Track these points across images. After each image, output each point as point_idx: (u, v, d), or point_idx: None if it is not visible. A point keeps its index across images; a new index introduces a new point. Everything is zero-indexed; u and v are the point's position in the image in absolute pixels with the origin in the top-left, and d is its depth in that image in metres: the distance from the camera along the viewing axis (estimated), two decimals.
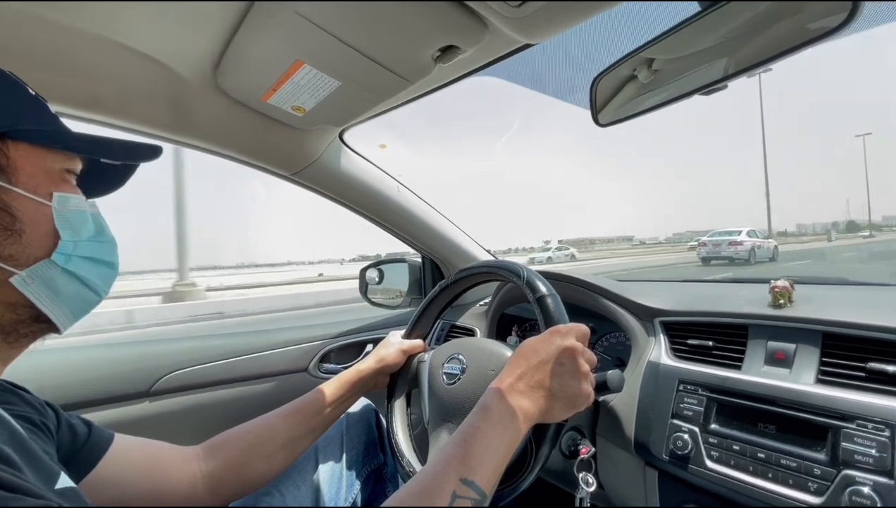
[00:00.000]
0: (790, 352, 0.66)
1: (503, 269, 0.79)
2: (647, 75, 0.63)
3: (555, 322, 0.66)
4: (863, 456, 0.53)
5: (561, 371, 0.58)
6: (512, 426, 0.55)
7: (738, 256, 15.20)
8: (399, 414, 0.88)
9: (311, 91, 0.74)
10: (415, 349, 0.91)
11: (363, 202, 1.18)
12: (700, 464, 0.65)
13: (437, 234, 1.31)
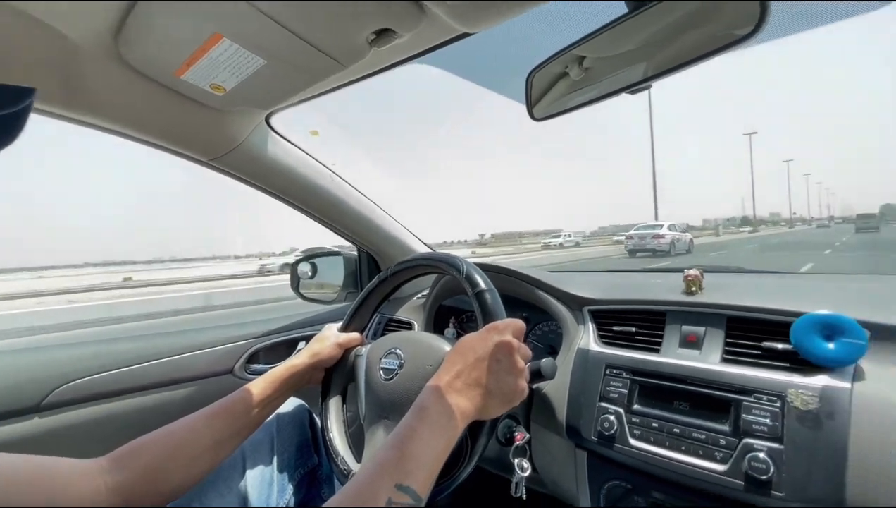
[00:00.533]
0: (700, 335, 0.73)
1: (442, 262, 0.78)
2: (579, 73, 0.65)
3: (492, 317, 0.67)
4: (759, 426, 0.60)
5: (497, 368, 0.59)
6: (449, 425, 0.55)
7: (660, 248, 16.43)
8: (334, 411, 0.85)
9: (231, 69, 0.68)
10: (351, 343, 0.88)
11: (293, 192, 1.11)
12: (624, 443, 0.69)
13: (374, 226, 1.28)
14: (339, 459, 0.78)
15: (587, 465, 0.76)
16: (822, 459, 0.55)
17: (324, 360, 0.84)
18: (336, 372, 0.87)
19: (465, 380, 0.58)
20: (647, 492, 0.68)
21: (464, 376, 0.58)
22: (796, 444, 0.57)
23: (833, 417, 0.56)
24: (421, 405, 0.56)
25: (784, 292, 0.77)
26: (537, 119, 0.63)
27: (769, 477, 0.56)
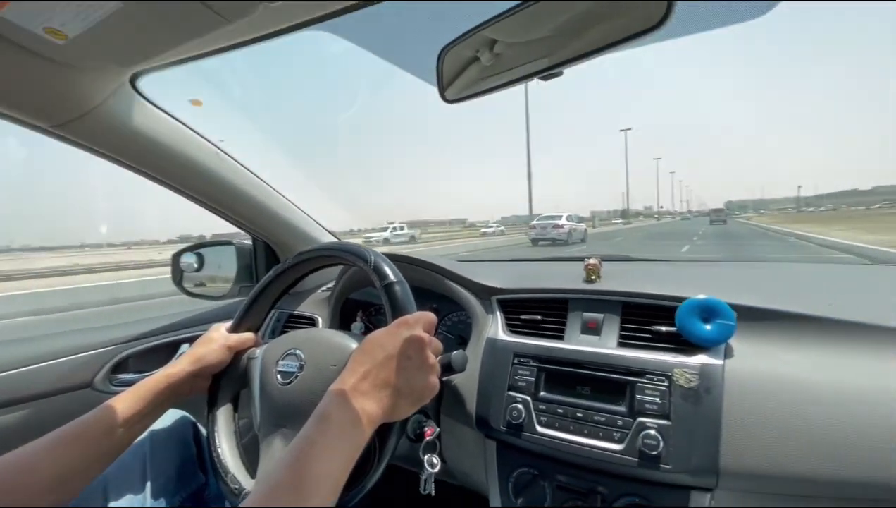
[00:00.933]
0: (599, 321, 0.76)
1: (348, 252, 0.72)
2: (490, 58, 0.63)
3: (402, 311, 0.63)
4: (650, 405, 0.64)
5: (408, 366, 0.55)
6: (355, 433, 0.50)
7: (559, 237, 17.51)
8: (224, 422, 0.75)
9: (73, 8, 0.54)
10: (243, 345, 0.78)
11: (169, 170, 0.95)
12: (532, 430, 0.70)
13: (270, 212, 1.15)
14: (228, 477, 0.69)
15: (496, 454, 0.76)
16: (701, 431, 0.60)
17: (210, 366, 0.74)
18: (225, 379, 0.77)
19: (372, 381, 0.54)
20: (552, 476, 0.70)
21: (371, 376, 0.54)
22: (681, 419, 0.62)
23: (710, 392, 0.62)
24: (323, 412, 0.50)
25: (669, 278, 0.84)
26: (449, 101, 0.60)
27: (658, 452, 0.61)
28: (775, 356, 0.63)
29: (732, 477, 0.58)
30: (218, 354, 0.74)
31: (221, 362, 0.75)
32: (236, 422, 0.77)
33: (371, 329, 1.15)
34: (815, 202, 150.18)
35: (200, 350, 0.74)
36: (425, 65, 0.62)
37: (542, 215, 20.00)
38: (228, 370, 0.77)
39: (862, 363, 0.59)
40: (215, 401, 0.76)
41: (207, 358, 0.73)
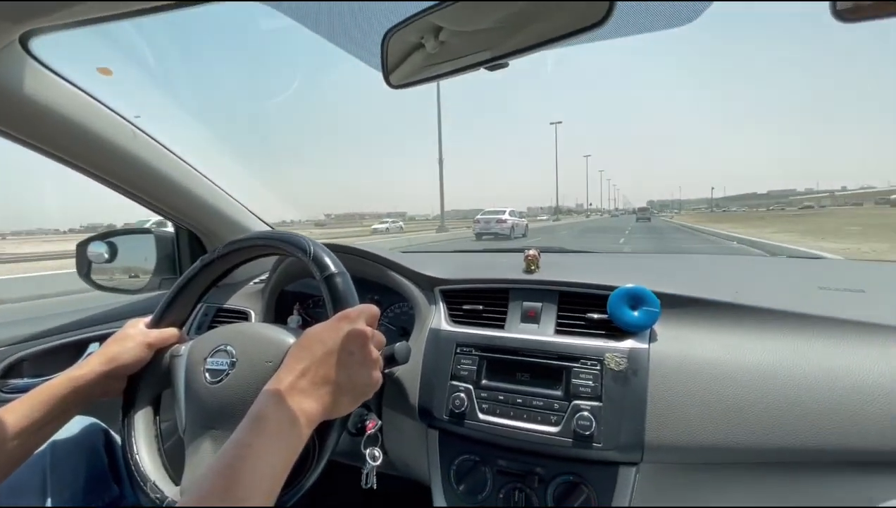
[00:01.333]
0: (538, 310, 0.79)
1: (285, 242, 0.68)
2: (434, 45, 0.62)
3: (344, 304, 0.60)
4: (584, 388, 0.68)
5: (350, 361, 0.53)
6: (292, 434, 0.47)
7: (502, 232, 17.66)
8: (143, 426, 0.68)
9: None
10: (166, 341, 0.72)
11: (73, 147, 0.83)
12: (474, 418, 0.72)
13: (196, 198, 1.06)
14: (149, 485, 0.63)
15: (438, 443, 0.77)
16: (628, 411, 0.64)
17: (125, 365, 0.67)
18: (144, 379, 0.70)
19: (311, 378, 0.51)
20: (493, 461, 0.72)
21: (310, 373, 0.51)
22: (611, 400, 0.66)
23: (637, 374, 0.66)
24: (257, 413, 0.47)
25: (601, 269, 0.89)
26: (394, 86, 0.58)
27: (591, 432, 0.64)
28: (691, 340, 0.69)
29: (656, 451, 0.63)
30: (135, 352, 0.68)
31: (139, 360, 0.68)
32: (157, 426, 0.71)
33: (309, 323, 1.11)
34: (724, 204, 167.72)
35: (114, 348, 0.67)
36: (368, 48, 0.60)
37: (486, 209, 19.77)
38: (148, 369, 0.70)
39: (762, 343, 0.66)
40: (132, 404, 0.69)
41: (122, 357, 0.66)
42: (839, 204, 73.72)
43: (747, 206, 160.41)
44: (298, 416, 0.48)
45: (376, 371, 0.56)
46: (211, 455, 0.60)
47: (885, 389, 0.58)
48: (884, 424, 0.57)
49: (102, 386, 0.66)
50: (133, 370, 0.69)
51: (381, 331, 0.60)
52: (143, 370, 0.70)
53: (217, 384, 0.63)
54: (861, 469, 0.58)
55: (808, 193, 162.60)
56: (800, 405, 0.60)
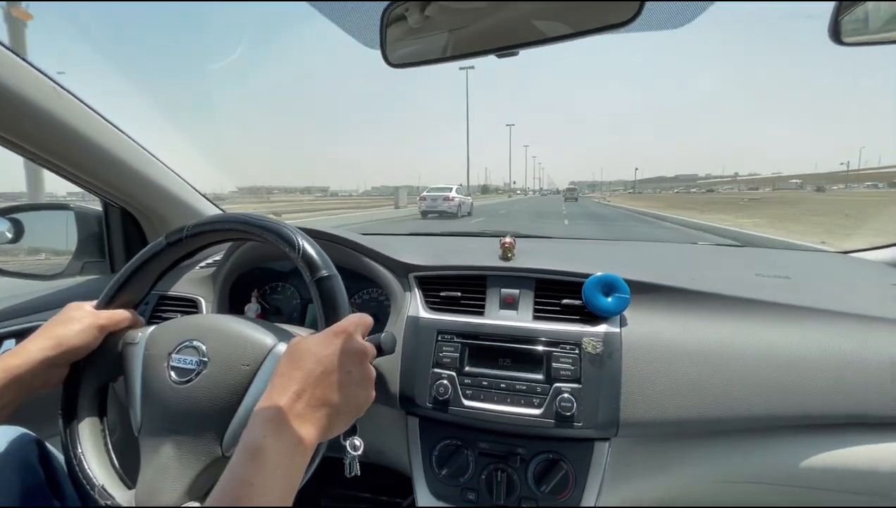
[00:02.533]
0: (516, 296, 0.81)
1: (269, 231, 0.61)
2: (418, 20, 0.59)
3: (336, 314, 0.56)
4: (564, 371, 0.71)
5: (348, 381, 0.49)
6: (293, 465, 0.43)
7: (449, 210, 16.69)
8: (88, 423, 0.61)
9: None
10: (118, 324, 0.64)
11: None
12: (458, 404, 0.72)
13: (132, 171, 0.93)
14: (96, 490, 0.56)
15: (419, 430, 0.77)
16: (605, 391, 0.69)
17: (72, 350, 0.59)
18: (90, 368, 0.63)
19: (308, 401, 0.47)
20: (474, 445, 0.74)
21: (307, 395, 0.47)
22: (589, 382, 0.70)
23: (612, 356, 0.71)
24: (255, 445, 0.42)
25: (574, 256, 0.93)
26: (394, 65, 0.55)
27: (572, 413, 0.68)
28: (656, 323, 0.75)
29: (629, 427, 0.68)
30: (84, 335, 0.59)
31: (88, 345, 0.60)
32: (103, 422, 0.63)
33: (268, 310, 1.04)
34: (639, 186, 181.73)
35: (59, 330, 0.58)
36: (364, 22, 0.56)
37: (432, 186, 18.42)
38: (96, 356, 0.62)
39: (714, 325, 0.74)
40: (75, 396, 0.61)
41: (69, 340, 0.58)
42: (738, 188, 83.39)
43: (660, 188, 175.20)
44: (298, 444, 0.44)
45: (373, 390, 0.53)
46: (174, 461, 0.55)
47: (811, 361, 0.68)
48: (811, 391, 0.66)
49: (45, 375, 0.57)
50: (80, 355, 0.61)
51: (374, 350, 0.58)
52: (90, 357, 0.62)
53: (184, 385, 0.57)
54: (795, 431, 0.68)
55: (708, 177, 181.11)
56: (746, 379, 0.68)
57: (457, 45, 0.53)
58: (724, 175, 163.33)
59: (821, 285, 0.86)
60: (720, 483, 0.72)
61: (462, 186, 18.89)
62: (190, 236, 0.65)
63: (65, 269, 1.04)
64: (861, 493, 0.68)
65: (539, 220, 15.72)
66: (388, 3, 0.53)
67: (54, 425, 0.61)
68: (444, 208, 16.77)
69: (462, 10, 0.53)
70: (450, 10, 0.52)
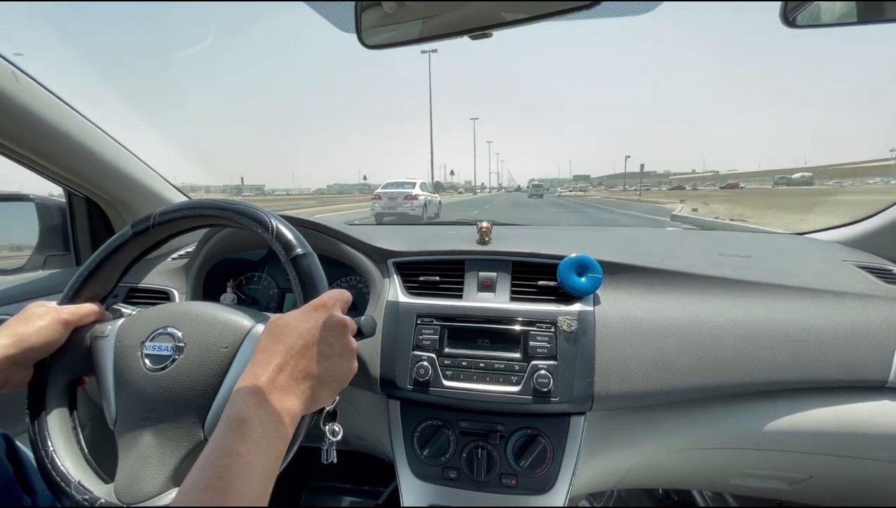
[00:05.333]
0: (493, 279, 0.83)
1: (241, 214, 0.61)
2: (393, 6, 0.59)
3: (314, 290, 0.57)
4: (541, 349, 0.73)
5: (329, 353, 0.50)
6: (278, 436, 0.44)
7: (413, 211, 12.62)
8: (58, 420, 0.59)
9: None
10: (84, 319, 0.62)
11: None
12: (438, 385, 0.74)
13: (99, 160, 0.90)
14: (73, 487, 0.55)
15: (400, 413, 0.78)
16: (580, 367, 0.72)
17: (35, 348, 0.57)
18: (57, 365, 0.61)
19: (290, 373, 0.47)
20: (455, 424, 0.75)
21: (288, 368, 0.47)
22: (565, 358, 0.72)
23: (586, 334, 0.73)
24: (238, 416, 0.43)
25: (549, 240, 0.96)
26: (369, 47, 0.55)
27: (549, 389, 0.70)
28: (628, 301, 0.78)
29: (603, 401, 0.71)
30: (48, 332, 0.58)
31: (52, 342, 0.58)
32: (73, 418, 0.62)
33: (245, 301, 1.02)
34: (594, 181, 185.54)
35: (19, 328, 0.56)
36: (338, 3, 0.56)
37: (391, 181, 14.02)
38: (62, 352, 0.61)
39: (681, 301, 0.78)
40: (42, 394, 0.59)
41: (32, 338, 0.56)
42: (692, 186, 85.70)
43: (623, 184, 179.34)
44: (282, 415, 0.44)
45: (354, 361, 0.54)
46: (154, 449, 0.54)
47: (770, 333, 0.72)
48: (770, 360, 0.71)
49: (6, 375, 0.55)
50: (45, 353, 0.59)
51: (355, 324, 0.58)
52: (54, 353, 0.60)
53: (160, 372, 0.56)
54: (756, 398, 0.73)
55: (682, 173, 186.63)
56: (711, 351, 0.72)
57: (430, 28, 0.53)
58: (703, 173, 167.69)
59: (778, 263, 0.92)
60: (689, 451, 0.76)
61: (427, 183, 14.31)
62: (158, 224, 0.63)
63: (25, 263, 1.00)
64: (816, 453, 0.73)
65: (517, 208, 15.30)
66: None
67: (22, 421, 0.59)
68: (405, 209, 12.69)
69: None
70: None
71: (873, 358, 0.71)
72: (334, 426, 0.67)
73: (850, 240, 1.05)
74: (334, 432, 0.66)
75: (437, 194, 15.68)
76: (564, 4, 0.45)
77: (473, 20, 0.52)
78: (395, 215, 12.77)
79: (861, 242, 1.03)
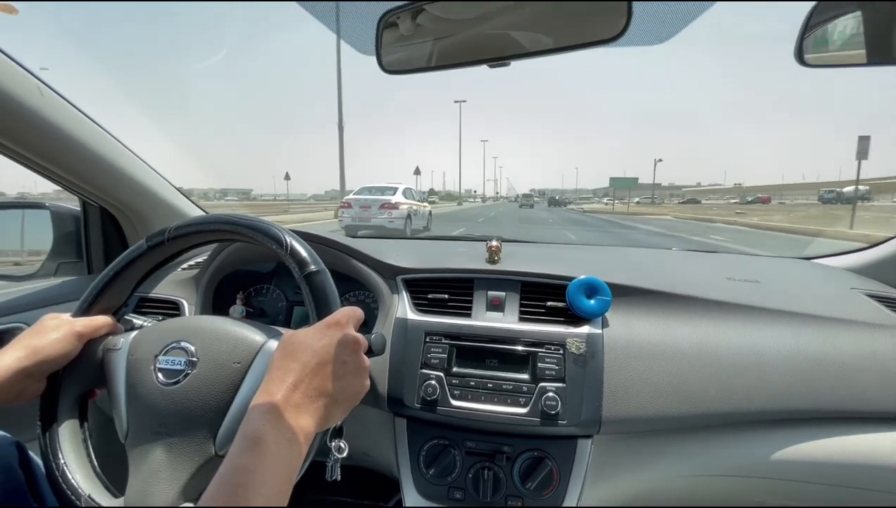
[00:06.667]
0: (503, 299, 0.83)
1: (255, 230, 0.62)
2: (411, 29, 0.61)
3: (328, 308, 0.57)
4: (550, 371, 0.73)
5: (343, 371, 0.51)
6: (292, 454, 0.44)
7: (392, 224, 10.11)
8: (69, 432, 0.60)
9: None
10: (97, 331, 0.62)
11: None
12: (446, 404, 0.74)
13: (115, 171, 0.92)
14: (83, 500, 0.55)
15: (407, 431, 0.78)
16: (588, 390, 0.72)
17: (49, 360, 0.57)
18: (70, 377, 0.61)
19: (304, 391, 0.48)
20: (461, 444, 0.75)
21: (303, 386, 0.48)
22: (573, 381, 0.72)
23: (594, 356, 0.73)
24: (254, 434, 0.43)
25: (558, 260, 0.96)
26: (388, 71, 0.57)
27: (557, 411, 0.70)
28: (636, 324, 0.78)
29: (610, 424, 0.71)
30: (62, 344, 0.58)
31: (66, 355, 0.59)
32: (84, 430, 0.62)
33: (253, 313, 1.03)
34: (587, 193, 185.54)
35: (34, 341, 0.57)
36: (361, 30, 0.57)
37: (367, 186, 11.47)
38: (75, 365, 0.61)
39: (689, 326, 0.78)
40: (54, 406, 0.60)
41: (46, 350, 0.57)
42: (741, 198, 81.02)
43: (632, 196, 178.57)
44: (297, 433, 0.45)
45: (367, 379, 0.55)
46: (165, 463, 0.54)
47: (778, 360, 0.72)
48: (778, 388, 0.71)
49: (20, 387, 0.56)
50: (58, 366, 0.59)
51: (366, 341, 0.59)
52: (69, 366, 0.61)
53: (173, 387, 0.57)
54: (766, 426, 0.72)
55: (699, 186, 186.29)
56: (720, 377, 0.72)
57: (449, 54, 0.55)
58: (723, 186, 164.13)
59: (787, 289, 0.92)
60: (696, 477, 0.76)
61: (413, 189, 11.92)
62: (172, 238, 0.64)
63: (39, 270, 1.01)
64: (824, 483, 0.73)
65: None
66: (384, 10, 0.55)
67: (34, 428, 0.59)
68: (381, 220, 10.12)
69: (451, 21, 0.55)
70: (440, 21, 0.54)
71: (882, 389, 0.70)
72: (340, 442, 0.67)
73: (857, 267, 1.05)
74: (340, 448, 0.66)
75: (425, 202, 12.98)
76: (584, 38, 0.46)
77: (492, 48, 0.54)
78: (369, 227, 10.29)
79: (868, 269, 1.03)
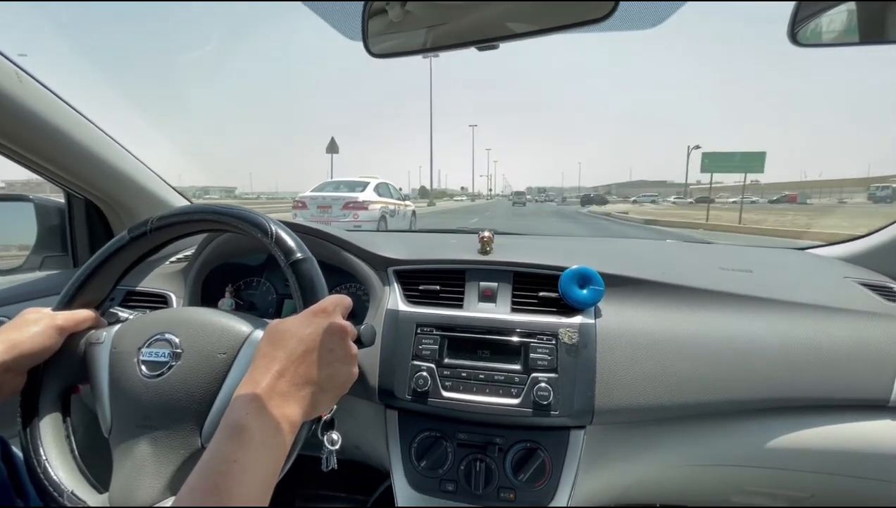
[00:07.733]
0: (494, 289, 0.82)
1: (240, 218, 0.60)
2: (399, 14, 0.59)
3: (314, 295, 0.56)
4: (541, 361, 0.73)
5: (330, 359, 0.50)
6: (277, 443, 0.43)
7: (357, 228, 6.63)
8: (51, 428, 0.58)
9: None
10: (79, 325, 0.61)
11: None
12: (438, 396, 0.73)
13: (99, 162, 0.90)
14: (66, 497, 0.54)
15: (398, 423, 0.77)
16: (581, 380, 0.71)
17: (29, 354, 0.56)
18: (51, 371, 0.60)
19: (290, 379, 0.46)
20: (453, 436, 0.74)
21: (289, 374, 0.46)
22: (566, 371, 0.71)
23: (587, 346, 0.73)
24: (237, 423, 0.42)
25: (550, 250, 0.95)
26: (375, 55, 0.55)
27: (549, 402, 0.69)
28: (629, 314, 0.78)
29: (603, 415, 0.70)
30: (42, 338, 0.57)
31: (46, 349, 0.57)
32: (67, 426, 0.61)
33: (242, 306, 1.02)
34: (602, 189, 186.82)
35: (13, 335, 0.55)
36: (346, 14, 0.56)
37: (331, 181, 9.80)
38: (56, 359, 0.60)
39: (682, 315, 0.77)
40: (35, 402, 0.58)
41: (25, 345, 0.55)
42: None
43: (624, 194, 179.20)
44: (281, 422, 0.44)
45: (355, 367, 0.54)
46: (150, 457, 0.53)
47: (771, 349, 0.72)
48: (771, 377, 0.70)
49: None
50: (38, 360, 0.58)
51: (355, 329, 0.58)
52: (49, 361, 0.59)
53: (157, 379, 0.55)
54: (758, 415, 0.72)
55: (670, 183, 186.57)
56: (712, 366, 0.71)
57: (437, 37, 0.53)
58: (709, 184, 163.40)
59: (780, 278, 0.91)
60: (688, 466, 0.75)
61: (390, 185, 10.01)
62: (155, 229, 0.63)
63: (23, 263, 0.99)
64: (816, 472, 0.73)
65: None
66: None
67: (16, 424, 0.58)
68: (343, 224, 6.38)
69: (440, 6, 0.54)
70: (429, 6, 0.53)
71: (874, 377, 0.70)
72: (333, 434, 0.66)
73: (850, 256, 1.05)
74: (333, 440, 0.65)
75: (407, 201, 11.43)
76: (573, 18, 0.45)
77: (481, 31, 0.52)
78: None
79: (862, 258, 1.03)
